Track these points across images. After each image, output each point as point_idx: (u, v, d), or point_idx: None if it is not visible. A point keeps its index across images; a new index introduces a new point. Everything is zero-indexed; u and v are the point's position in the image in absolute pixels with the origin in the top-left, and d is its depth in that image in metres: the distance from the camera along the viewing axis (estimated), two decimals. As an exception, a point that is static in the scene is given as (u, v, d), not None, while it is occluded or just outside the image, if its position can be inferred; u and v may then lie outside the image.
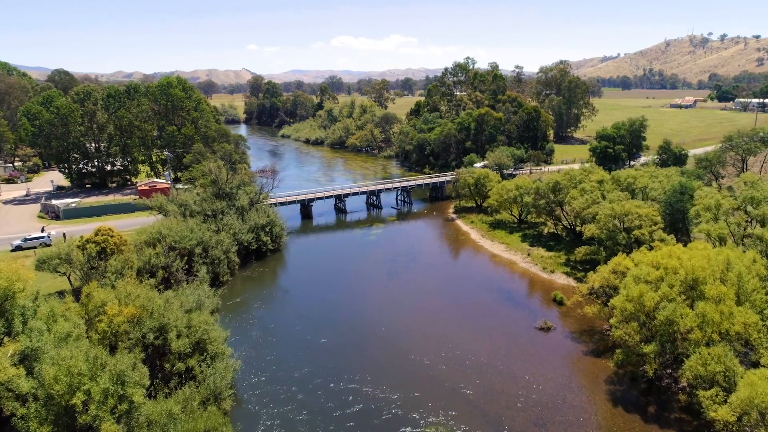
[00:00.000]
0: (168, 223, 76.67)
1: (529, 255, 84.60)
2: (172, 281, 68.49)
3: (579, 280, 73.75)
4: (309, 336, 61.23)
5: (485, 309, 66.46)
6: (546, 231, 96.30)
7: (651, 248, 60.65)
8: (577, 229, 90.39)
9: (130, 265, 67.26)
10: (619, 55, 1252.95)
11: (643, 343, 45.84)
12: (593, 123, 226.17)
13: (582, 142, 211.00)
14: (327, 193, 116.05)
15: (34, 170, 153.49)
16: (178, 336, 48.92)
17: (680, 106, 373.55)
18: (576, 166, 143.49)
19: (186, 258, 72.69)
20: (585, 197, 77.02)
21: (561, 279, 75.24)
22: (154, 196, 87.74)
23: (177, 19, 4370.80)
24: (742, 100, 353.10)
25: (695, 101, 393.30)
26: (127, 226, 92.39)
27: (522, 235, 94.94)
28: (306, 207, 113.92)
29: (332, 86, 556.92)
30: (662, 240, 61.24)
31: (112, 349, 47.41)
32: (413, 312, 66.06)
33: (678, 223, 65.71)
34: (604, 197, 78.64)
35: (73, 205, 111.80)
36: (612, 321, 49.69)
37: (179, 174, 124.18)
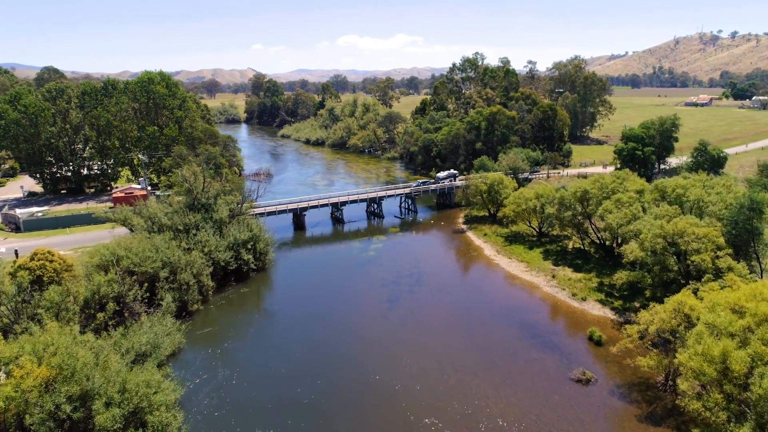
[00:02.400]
0: (127, 241, 64.89)
1: (554, 277, 72.26)
2: (126, 315, 56.70)
3: (617, 311, 61.50)
4: (284, 381, 49.58)
5: (506, 350, 54.18)
6: (571, 246, 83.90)
7: (715, 278, 48.42)
8: (607, 243, 78.10)
9: (74, 297, 55.70)
10: (627, 53, 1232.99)
11: (731, 423, 33.55)
12: (609, 122, 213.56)
13: (598, 142, 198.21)
14: (322, 201, 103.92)
15: (10, 174, 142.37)
16: (108, 405, 37.01)
17: (696, 105, 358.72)
18: (598, 170, 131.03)
19: (147, 284, 61.04)
20: (623, 211, 64.55)
21: (595, 309, 62.83)
22: (119, 207, 76.00)
23: (183, 19, 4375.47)
24: (761, 98, 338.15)
25: (711, 99, 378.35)
26: (95, 240, 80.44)
27: (543, 252, 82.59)
28: (298, 217, 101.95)
29: (337, 85, 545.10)
30: (730, 269, 48.81)
31: (20, 426, 35.92)
32: (417, 353, 53.92)
33: (745, 246, 53.26)
34: (644, 210, 66.22)
35: (39, 214, 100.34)
36: (683, 386, 37.44)
37: (162, 178, 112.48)
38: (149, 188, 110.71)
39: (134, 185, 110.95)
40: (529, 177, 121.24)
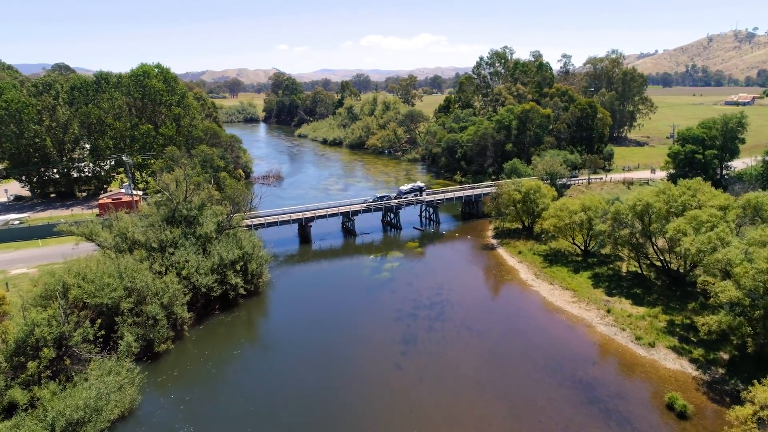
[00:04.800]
0: (81, 264, 52.93)
1: (609, 312, 58.28)
2: (68, 362, 44.61)
3: (699, 364, 47.34)
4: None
5: (558, 424, 40.50)
6: (625, 269, 69.78)
7: None
8: (673, 267, 63.73)
9: (3, 339, 44.00)
10: (657, 51, 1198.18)
11: None
12: (648, 122, 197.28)
13: (638, 143, 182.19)
14: (331, 211, 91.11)
15: (2, 176, 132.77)
16: None
17: (737, 104, 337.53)
18: (645, 175, 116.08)
19: (103, 319, 49.18)
20: (705, 234, 50.33)
21: (668, 360, 48.75)
22: (81, 220, 64.40)
23: (210, 19, 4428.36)
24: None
25: (753, 98, 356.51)
26: (70, 254, 68.21)
27: (592, 276, 68.55)
28: (304, 228, 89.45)
29: (359, 84, 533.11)
30: None
31: None
32: (438, 422, 40.79)
33: None
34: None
35: (16, 222, 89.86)
36: None
37: (151, 183, 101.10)
38: (141, 194, 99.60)
39: (123, 191, 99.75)
40: (568, 183, 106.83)
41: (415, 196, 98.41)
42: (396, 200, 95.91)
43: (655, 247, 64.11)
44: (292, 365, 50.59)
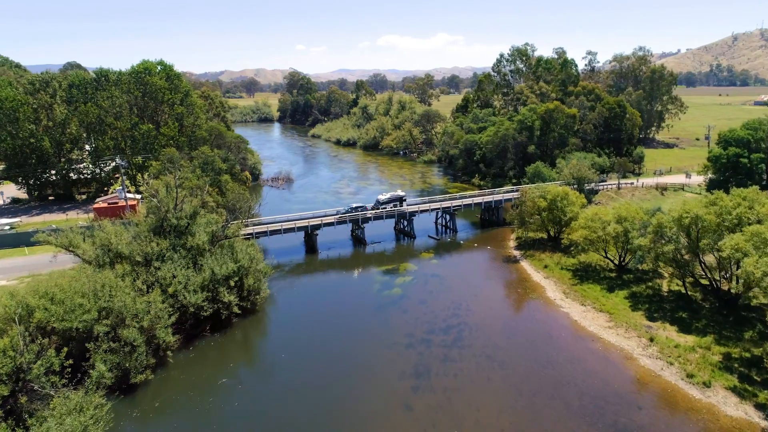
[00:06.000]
0: (50, 281, 46.92)
1: (652, 341, 50.68)
2: (23, 401, 38.44)
3: (766, 411, 39.69)
4: None
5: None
6: (666, 288, 62.01)
7: None
8: (724, 287, 55.92)
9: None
10: (679, 50, 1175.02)
11: None
12: (676, 123, 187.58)
13: (667, 145, 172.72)
14: (339, 218, 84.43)
15: (2, 177, 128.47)
16: None
17: (766, 104, 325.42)
18: (680, 179, 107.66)
19: (73, 345, 43.20)
20: (773, 255, 42.65)
21: (729, 404, 41.09)
22: (61, 228, 58.42)
23: (229, 20, 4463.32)
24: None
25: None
26: (56, 263, 62.34)
27: (629, 295, 60.83)
28: (310, 236, 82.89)
29: (376, 84, 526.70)
30: None
31: None
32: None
33: None
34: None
35: (6, 227, 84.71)
36: None
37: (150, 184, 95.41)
38: (140, 197, 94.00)
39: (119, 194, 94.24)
40: (596, 188, 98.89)
41: (395, 206, 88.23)
42: (372, 211, 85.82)
43: (703, 266, 56.33)
44: (287, 398, 44.03)
